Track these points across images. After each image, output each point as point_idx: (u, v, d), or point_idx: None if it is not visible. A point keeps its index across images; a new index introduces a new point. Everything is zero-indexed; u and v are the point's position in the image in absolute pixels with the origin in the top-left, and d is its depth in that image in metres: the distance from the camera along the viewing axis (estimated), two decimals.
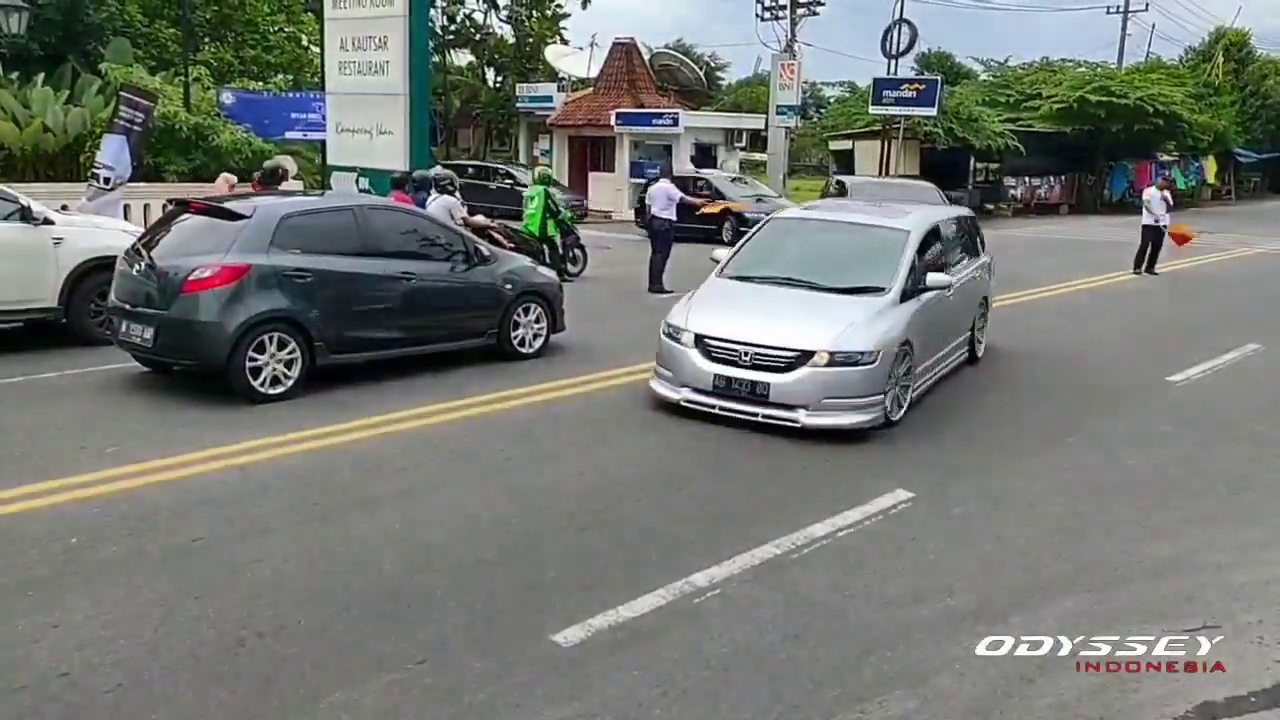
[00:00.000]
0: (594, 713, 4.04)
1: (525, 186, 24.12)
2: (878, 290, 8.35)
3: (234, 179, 13.83)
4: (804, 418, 7.65)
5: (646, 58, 35.58)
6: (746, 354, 7.85)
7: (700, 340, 8.08)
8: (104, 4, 22.89)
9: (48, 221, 9.76)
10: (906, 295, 8.42)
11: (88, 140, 18.34)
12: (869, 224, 9.41)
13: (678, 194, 15.53)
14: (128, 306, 8.34)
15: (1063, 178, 38.88)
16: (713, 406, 7.93)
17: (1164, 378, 10.34)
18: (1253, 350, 11.86)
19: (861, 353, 7.70)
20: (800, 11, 31.25)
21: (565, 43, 39.70)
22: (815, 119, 46.31)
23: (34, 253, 9.62)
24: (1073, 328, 13.35)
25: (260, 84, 24.44)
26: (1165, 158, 40.96)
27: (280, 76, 25.96)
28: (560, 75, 37.02)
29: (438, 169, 14.26)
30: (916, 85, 29.96)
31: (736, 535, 5.84)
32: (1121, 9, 46.82)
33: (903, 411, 8.18)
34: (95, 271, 9.72)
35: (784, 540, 5.78)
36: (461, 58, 41.03)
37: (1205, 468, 7.61)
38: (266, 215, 8.45)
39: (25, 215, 9.62)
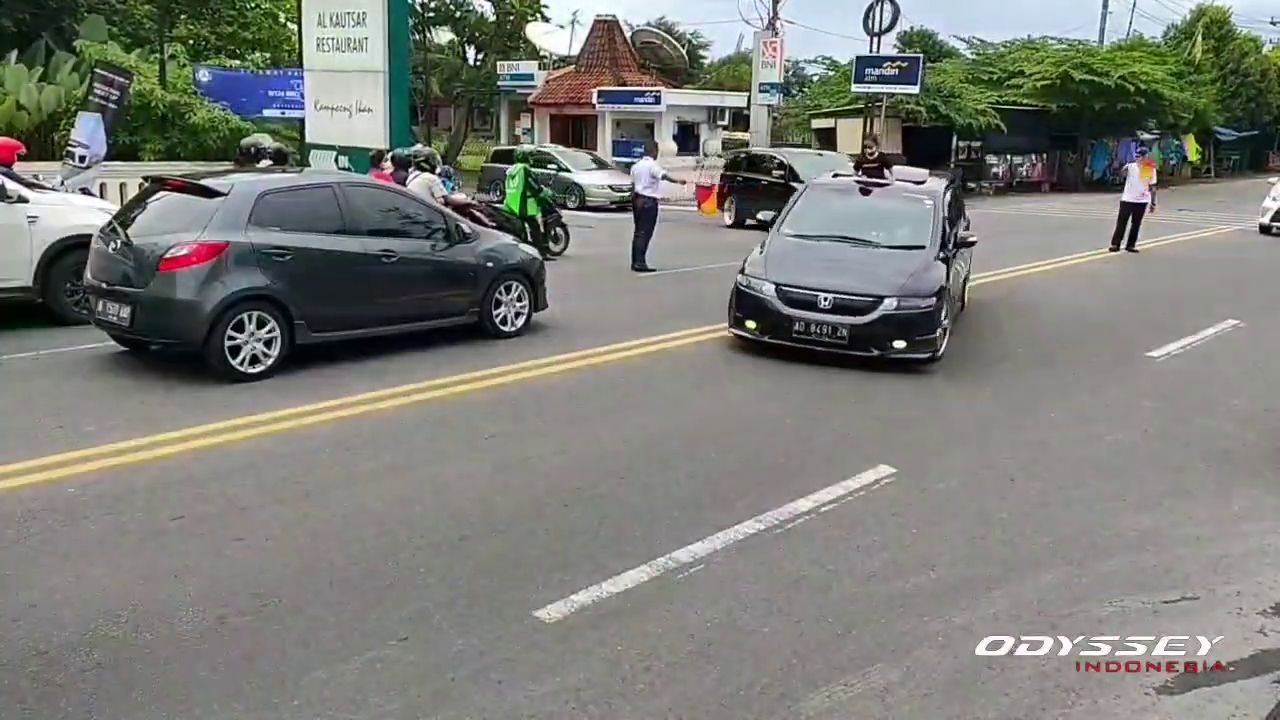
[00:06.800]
0: (577, 687, 4.05)
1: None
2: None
3: None
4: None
5: (628, 35, 35.42)
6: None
7: None
8: None
9: (22, 200, 9.63)
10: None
11: (62, 118, 18.14)
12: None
13: (661, 172, 15.47)
14: (104, 285, 8.25)
15: (1044, 156, 38.99)
16: None
17: (1144, 353, 10.40)
18: (1231, 326, 11.94)
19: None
20: None
21: (546, 20, 39.41)
22: (798, 97, 46.18)
23: (8, 231, 9.50)
24: (1054, 304, 13.40)
25: (237, 61, 24.21)
26: (1146, 135, 41.11)
27: (257, 54, 25.69)
28: (542, 53, 36.80)
29: (418, 146, 14.15)
30: (899, 63, 29.88)
31: (719, 511, 5.84)
32: None
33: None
34: (71, 250, 9.60)
35: (767, 516, 5.79)
36: (442, 35, 40.68)
37: (1185, 442, 7.66)
38: (244, 192, 8.35)
39: None
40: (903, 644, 4.49)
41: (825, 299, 9.13)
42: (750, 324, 9.49)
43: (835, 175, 12.34)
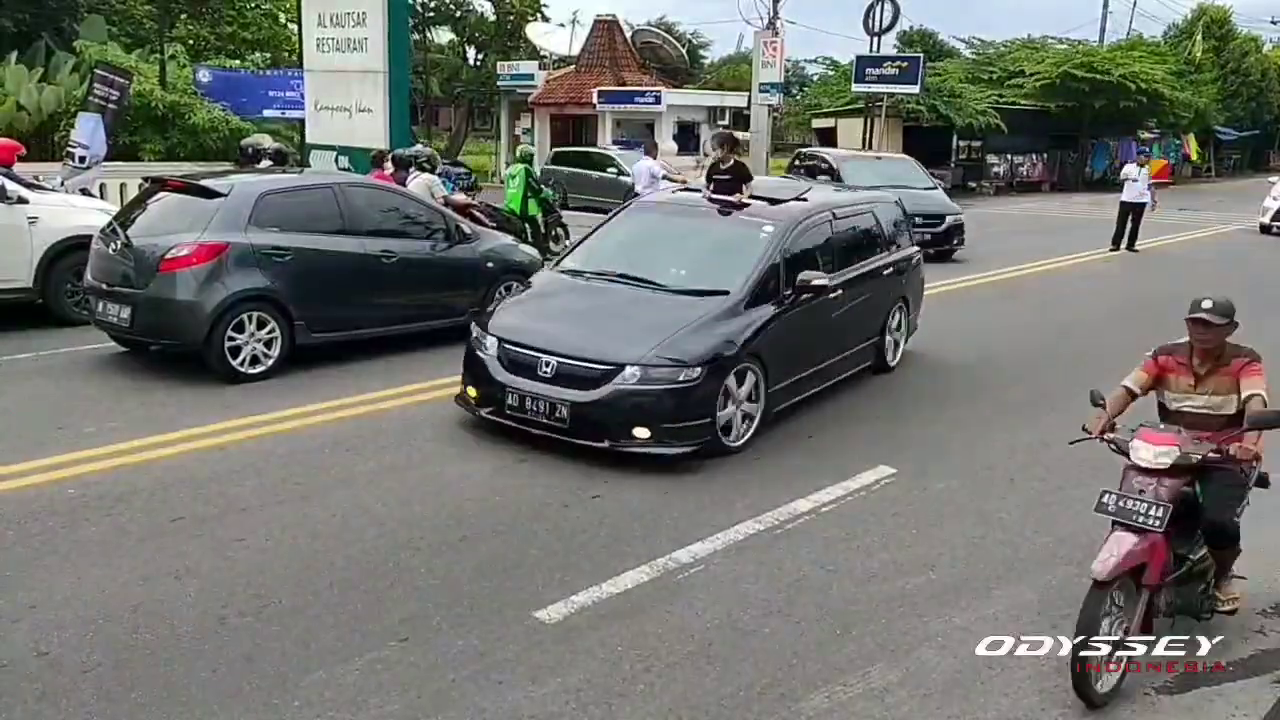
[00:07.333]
0: (578, 688, 4.05)
1: None
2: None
3: None
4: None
5: (628, 35, 35.34)
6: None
7: None
8: None
9: (22, 200, 9.63)
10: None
11: (62, 119, 18.13)
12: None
13: (661, 171, 15.47)
14: (104, 286, 8.25)
15: (1045, 155, 38.98)
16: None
17: (1145, 354, 10.36)
18: None
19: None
20: None
21: (546, 20, 39.36)
22: (798, 97, 46.15)
23: (8, 232, 9.49)
24: (1054, 304, 13.41)
25: (237, 61, 24.19)
26: (1146, 135, 41.11)
27: (257, 54, 25.67)
28: (542, 53, 36.74)
29: (419, 147, 14.14)
30: (899, 63, 29.87)
31: (720, 512, 5.85)
32: None
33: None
34: (71, 251, 9.60)
35: (766, 516, 5.80)
36: (442, 35, 40.67)
37: None
38: (244, 193, 8.36)
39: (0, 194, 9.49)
40: (903, 644, 4.49)
41: (547, 363, 6.67)
42: (472, 391, 7.15)
43: (681, 189, 10.08)
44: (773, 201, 8.39)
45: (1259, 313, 12.76)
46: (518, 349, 6.87)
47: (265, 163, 11.74)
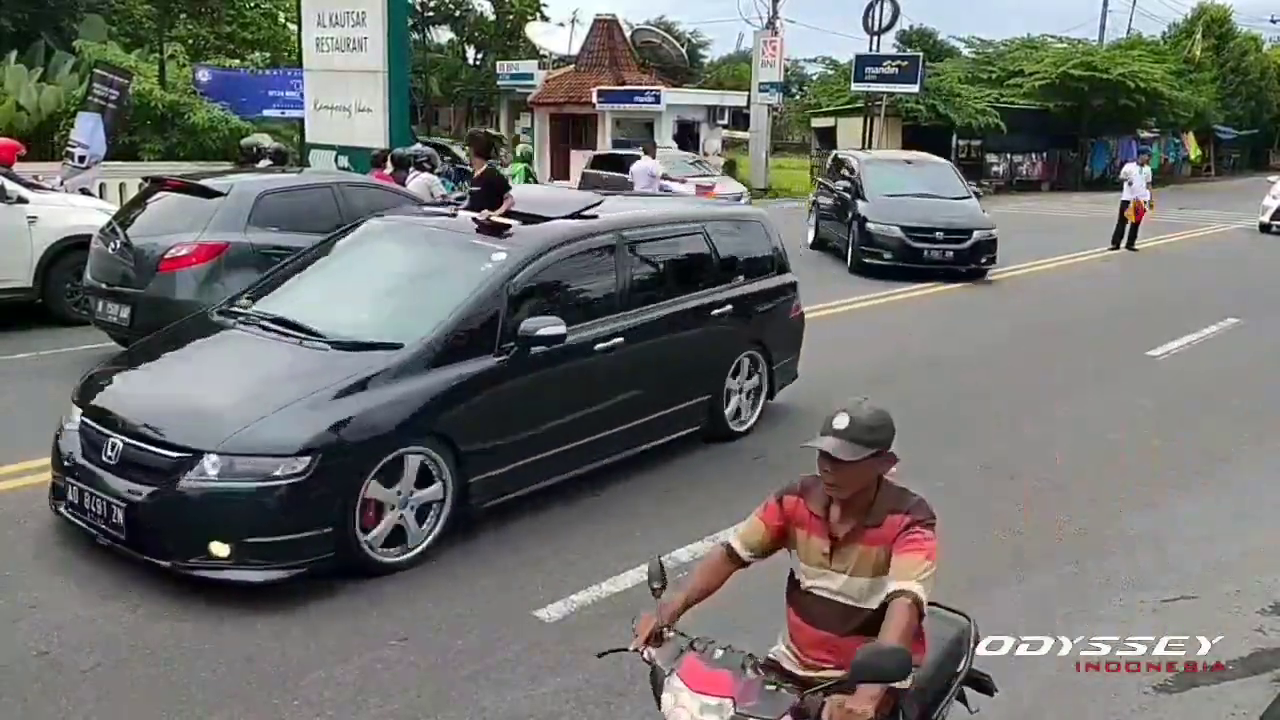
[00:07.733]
0: (578, 687, 4.05)
1: None
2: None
3: None
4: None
5: (628, 34, 35.39)
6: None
7: None
8: None
9: (22, 200, 9.63)
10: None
11: (62, 118, 18.15)
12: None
13: (661, 171, 15.48)
14: (104, 285, 8.25)
15: (1044, 155, 39.00)
16: None
17: (1145, 353, 10.39)
18: (1232, 325, 11.93)
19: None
20: None
21: (546, 19, 39.48)
22: (797, 96, 46.19)
23: (8, 232, 9.50)
24: (1053, 303, 13.41)
25: (237, 61, 24.21)
26: (1146, 134, 41.13)
27: (257, 54, 25.70)
28: (541, 53, 36.79)
29: (417, 146, 14.14)
30: (899, 62, 29.91)
31: (720, 510, 5.82)
32: None
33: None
34: (71, 250, 9.60)
35: None
36: (442, 35, 40.75)
37: (1184, 441, 7.66)
38: (243, 192, 8.37)
39: None
40: None
41: (113, 445, 4.82)
42: (54, 476, 5.24)
43: (453, 203, 8.33)
44: (531, 219, 6.30)
45: (1259, 312, 12.78)
46: (91, 424, 5.03)
47: (265, 162, 11.75)
